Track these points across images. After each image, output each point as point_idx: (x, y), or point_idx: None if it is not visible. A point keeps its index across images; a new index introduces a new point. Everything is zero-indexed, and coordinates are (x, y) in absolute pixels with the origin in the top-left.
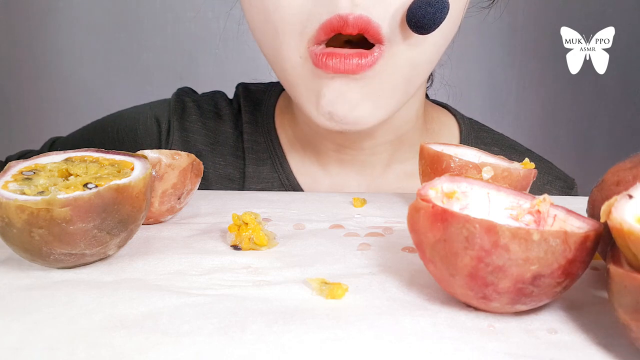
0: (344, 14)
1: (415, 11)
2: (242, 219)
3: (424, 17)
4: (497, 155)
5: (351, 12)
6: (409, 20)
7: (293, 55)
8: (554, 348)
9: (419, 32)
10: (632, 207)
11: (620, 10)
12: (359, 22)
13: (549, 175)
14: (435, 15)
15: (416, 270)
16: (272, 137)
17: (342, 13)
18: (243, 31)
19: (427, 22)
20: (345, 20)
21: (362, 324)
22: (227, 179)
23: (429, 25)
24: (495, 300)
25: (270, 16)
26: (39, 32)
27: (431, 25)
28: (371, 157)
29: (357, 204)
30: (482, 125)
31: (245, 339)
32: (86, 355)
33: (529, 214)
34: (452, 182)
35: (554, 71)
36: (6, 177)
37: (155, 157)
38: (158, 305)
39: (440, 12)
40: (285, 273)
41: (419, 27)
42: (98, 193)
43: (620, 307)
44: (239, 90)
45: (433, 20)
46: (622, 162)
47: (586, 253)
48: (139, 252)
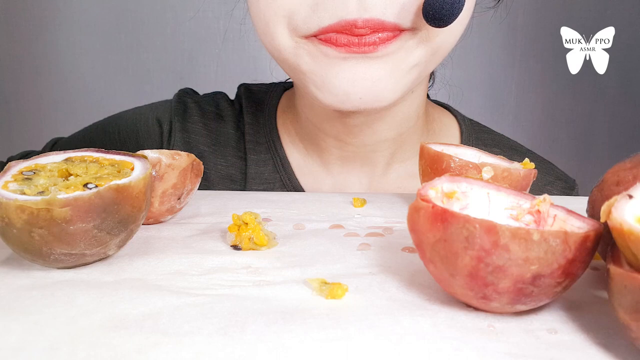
0: (352, 18)
1: (433, 3)
2: (242, 219)
3: (442, 9)
4: (497, 155)
5: (360, 17)
6: (426, 14)
7: (286, 41)
8: (554, 348)
9: (437, 25)
10: (632, 207)
11: (620, 10)
12: (370, 24)
13: (549, 175)
14: (453, 7)
15: (416, 270)
16: (274, 138)
17: (349, 18)
18: (245, 31)
19: (445, 14)
20: (354, 24)
21: (362, 324)
22: (228, 179)
23: (447, 17)
24: (495, 300)
25: (261, 9)
26: (39, 32)
27: (449, 17)
28: (372, 155)
29: (357, 204)
30: (482, 126)
31: (245, 339)
32: (86, 355)
33: (529, 214)
34: (452, 182)
35: (554, 71)
36: (6, 177)
37: (155, 157)
38: (158, 305)
39: (457, 3)
40: (285, 273)
41: (437, 19)
42: (98, 193)
43: (620, 307)
44: (241, 90)
45: (451, 12)
46: (622, 162)
47: (586, 253)
48: (139, 252)
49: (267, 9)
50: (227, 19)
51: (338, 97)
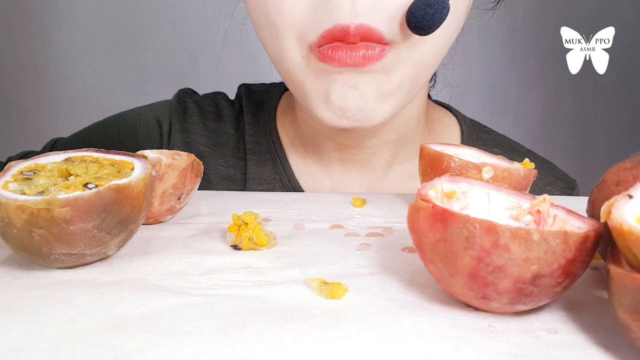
0: (345, 23)
1: (415, 12)
2: (242, 219)
3: (424, 18)
4: (497, 155)
5: (352, 22)
6: (409, 22)
7: (296, 56)
8: (554, 348)
9: (418, 33)
10: (632, 207)
11: (620, 10)
12: (360, 31)
13: (550, 176)
14: (435, 16)
15: (416, 270)
16: (274, 138)
17: (343, 23)
18: (245, 31)
19: (426, 23)
20: (347, 30)
21: (362, 324)
22: (228, 180)
23: (429, 26)
24: (495, 300)
25: (271, 17)
26: (39, 32)
27: (430, 26)
28: (373, 157)
29: (357, 204)
30: (483, 127)
31: (245, 339)
32: (86, 355)
33: (529, 214)
34: (452, 182)
35: (554, 71)
36: (6, 177)
37: (155, 157)
38: (158, 305)
39: (439, 13)
40: (285, 273)
41: (419, 28)
42: (98, 193)
43: (620, 307)
44: (241, 90)
45: (432, 21)
46: (622, 162)
47: (586, 253)
48: (139, 252)
49: (276, 16)
50: (227, 19)
51: (335, 113)
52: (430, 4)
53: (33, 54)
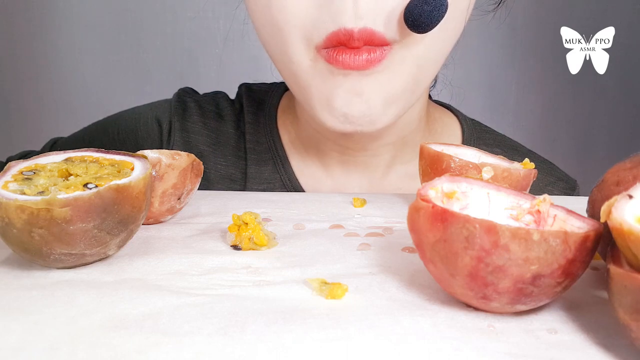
0: (350, 27)
1: (412, 10)
2: (242, 219)
3: (421, 16)
4: (498, 155)
5: (355, 25)
6: (407, 20)
7: (303, 59)
8: (554, 348)
9: (416, 31)
10: (632, 207)
11: (620, 10)
12: (363, 35)
13: (550, 176)
14: (432, 14)
15: (416, 270)
16: (274, 138)
17: (348, 27)
18: (246, 31)
19: (424, 20)
20: (351, 34)
21: (362, 324)
22: (228, 179)
23: (427, 24)
24: (495, 300)
25: (275, 18)
26: (39, 32)
27: (429, 24)
28: (373, 159)
29: (357, 204)
30: (484, 127)
31: (245, 339)
32: (86, 355)
33: (529, 214)
34: (452, 182)
35: (554, 71)
36: (6, 177)
37: (155, 157)
38: (158, 305)
39: (437, 10)
40: (285, 273)
41: (416, 26)
42: (98, 193)
43: (620, 307)
44: (242, 90)
45: (430, 18)
46: (622, 162)
47: (586, 253)
48: (139, 252)
49: (280, 15)
50: (227, 19)
51: (339, 119)
52: (428, 1)
53: (33, 54)
